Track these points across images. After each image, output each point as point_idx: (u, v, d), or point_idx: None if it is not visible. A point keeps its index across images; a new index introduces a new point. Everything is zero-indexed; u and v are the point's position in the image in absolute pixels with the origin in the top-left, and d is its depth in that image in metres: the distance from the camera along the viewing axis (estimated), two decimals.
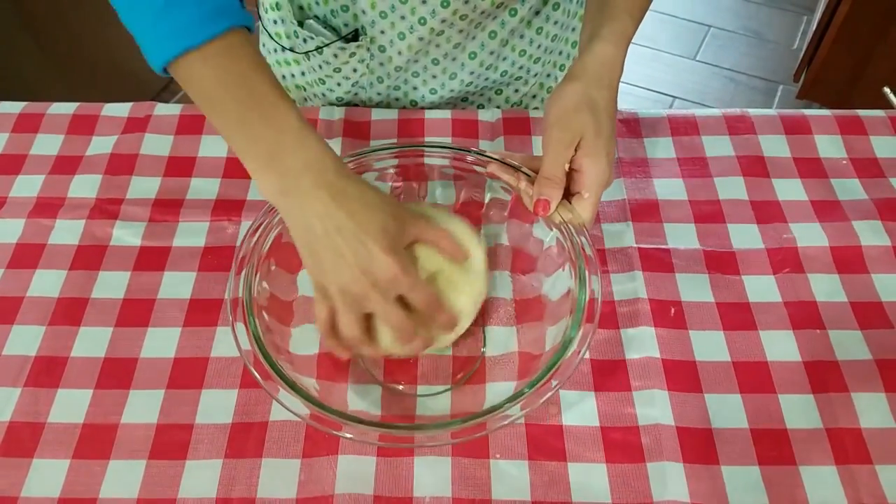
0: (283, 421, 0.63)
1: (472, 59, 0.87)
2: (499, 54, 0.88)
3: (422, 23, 0.78)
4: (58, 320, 0.69)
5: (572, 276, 0.62)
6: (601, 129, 0.61)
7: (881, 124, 0.86)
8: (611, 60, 0.64)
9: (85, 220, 0.76)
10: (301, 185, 0.54)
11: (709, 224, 0.77)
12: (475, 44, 0.85)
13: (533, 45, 0.88)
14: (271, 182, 0.55)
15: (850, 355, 0.67)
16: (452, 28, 0.81)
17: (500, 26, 0.84)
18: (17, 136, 0.85)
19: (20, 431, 0.63)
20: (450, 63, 0.87)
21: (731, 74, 2.46)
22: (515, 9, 0.82)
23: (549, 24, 0.87)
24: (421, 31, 0.79)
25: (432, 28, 0.79)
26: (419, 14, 0.78)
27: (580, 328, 0.57)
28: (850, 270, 0.73)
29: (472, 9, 0.78)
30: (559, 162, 0.61)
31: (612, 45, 0.64)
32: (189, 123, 0.85)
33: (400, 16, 0.79)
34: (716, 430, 0.63)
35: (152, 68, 0.54)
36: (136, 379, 0.66)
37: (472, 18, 0.80)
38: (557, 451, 0.62)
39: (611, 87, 0.64)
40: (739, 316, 0.70)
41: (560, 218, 0.63)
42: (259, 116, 0.54)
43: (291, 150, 0.54)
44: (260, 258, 0.64)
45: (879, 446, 0.62)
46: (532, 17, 0.86)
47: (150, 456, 0.61)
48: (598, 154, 0.61)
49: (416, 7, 0.77)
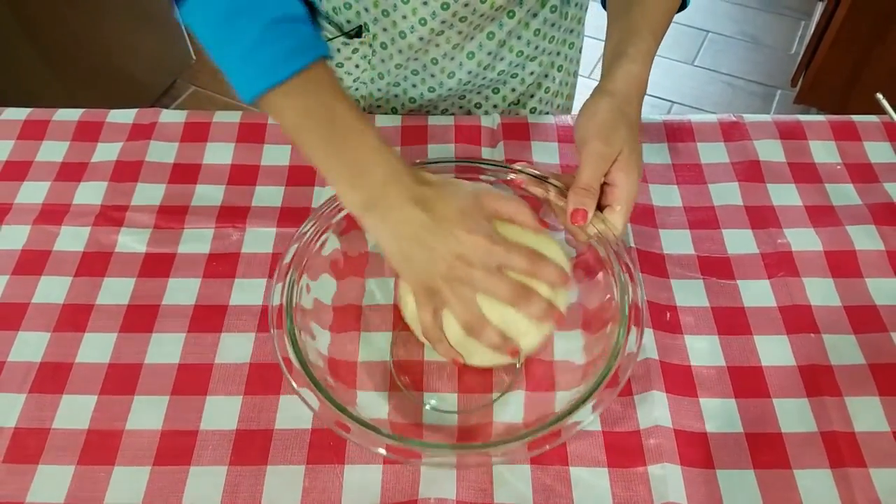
0: (288, 429, 0.63)
1: (470, 59, 0.88)
2: (496, 54, 0.89)
3: (422, 23, 0.80)
4: (63, 327, 0.70)
5: (614, 285, 0.63)
6: (635, 146, 0.63)
7: (875, 130, 0.87)
8: (637, 79, 0.66)
9: (90, 226, 0.77)
10: (384, 197, 0.58)
11: (703, 230, 0.78)
12: (473, 44, 0.87)
13: (530, 45, 0.90)
14: (357, 198, 0.59)
15: (845, 359, 0.68)
16: (452, 29, 0.82)
17: (497, 28, 0.85)
18: (23, 143, 0.86)
19: (25, 438, 0.63)
20: (448, 62, 0.88)
21: (729, 79, 2.47)
22: (513, 11, 0.84)
23: (546, 25, 0.89)
24: (421, 31, 0.81)
25: (432, 28, 0.81)
26: (420, 14, 0.79)
27: (628, 333, 0.59)
28: (844, 275, 0.74)
29: (472, 11, 0.80)
30: (597, 175, 0.63)
31: (639, 64, 0.66)
32: (194, 130, 0.87)
33: (402, 15, 0.80)
34: (711, 434, 0.63)
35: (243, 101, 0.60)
36: (141, 385, 0.66)
37: (470, 21, 0.81)
38: (560, 455, 0.62)
39: (639, 104, 0.66)
40: (734, 320, 0.71)
41: (595, 229, 0.64)
42: (341, 139, 0.59)
43: (372, 167, 0.59)
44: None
45: (874, 450, 0.62)
46: (530, 19, 0.87)
47: (155, 462, 0.62)
48: (632, 170, 0.63)
49: (417, 7, 0.79)
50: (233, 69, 0.60)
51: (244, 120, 0.88)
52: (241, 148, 0.85)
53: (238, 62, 0.59)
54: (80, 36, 1.94)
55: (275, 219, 0.78)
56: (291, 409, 0.65)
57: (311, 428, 0.63)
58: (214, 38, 0.60)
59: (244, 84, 0.59)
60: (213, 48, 0.60)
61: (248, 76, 0.59)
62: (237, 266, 0.74)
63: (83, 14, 1.92)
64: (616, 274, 0.63)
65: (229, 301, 0.72)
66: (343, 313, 0.70)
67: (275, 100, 0.59)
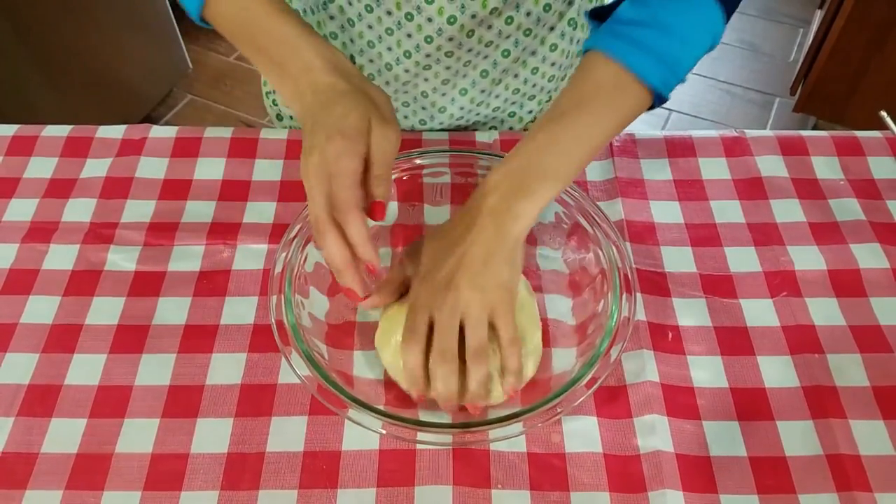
0: (280, 452, 0.62)
1: (462, 96, 0.87)
2: (490, 92, 0.87)
3: (407, 56, 0.79)
4: (51, 347, 0.69)
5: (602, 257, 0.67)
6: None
7: (878, 145, 0.86)
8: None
9: (79, 244, 0.76)
10: (299, 88, 0.61)
11: (705, 248, 0.76)
12: (466, 81, 0.85)
13: (527, 84, 0.88)
14: (285, 91, 0.63)
15: (849, 380, 0.67)
16: (439, 64, 0.81)
17: (492, 66, 0.84)
18: (11, 160, 0.84)
19: (13, 462, 0.62)
20: (439, 97, 0.87)
21: (728, 87, 2.47)
22: (508, 50, 0.82)
23: (545, 64, 0.87)
24: (406, 63, 0.80)
25: (417, 62, 0.80)
26: (404, 47, 0.79)
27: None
28: (848, 294, 0.73)
29: (458, 46, 0.78)
30: None
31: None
32: (184, 146, 0.85)
33: (387, 47, 0.79)
34: (714, 458, 0.62)
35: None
36: (131, 408, 0.65)
37: (458, 56, 0.80)
38: (560, 480, 0.61)
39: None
40: (737, 341, 0.69)
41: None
42: (266, 38, 0.63)
43: (290, 60, 0.61)
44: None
45: (879, 473, 0.61)
46: (527, 58, 0.85)
47: (146, 487, 0.60)
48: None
49: (401, 40, 0.78)
50: None
51: (235, 135, 0.86)
52: (231, 163, 0.84)
53: None
54: (76, 45, 1.93)
55: (266, 235, 0.77)
56: (283, 431, 0.63)
57: (304, 451, 0.62)
58: None
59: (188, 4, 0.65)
60: None
61: None
62: (228, 283, 0.73)
63: (79, 23, 1.91)
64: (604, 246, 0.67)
65: (220, 320, 0.70)
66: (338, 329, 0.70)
67: (208, 14, 0.64)
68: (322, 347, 0.65)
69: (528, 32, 0.81)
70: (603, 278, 0.67)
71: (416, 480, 0.61)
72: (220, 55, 2.56)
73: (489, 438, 0.62)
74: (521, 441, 0.63)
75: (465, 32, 0.77)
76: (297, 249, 0.67)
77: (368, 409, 0.58)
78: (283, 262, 0.66)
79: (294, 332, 0.62)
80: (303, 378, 0.60)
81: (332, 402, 0.59)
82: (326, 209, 0.57)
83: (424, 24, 0.76)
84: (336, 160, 0.57)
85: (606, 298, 0.65)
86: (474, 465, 0.62)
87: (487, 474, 0.61)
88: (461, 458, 0.62)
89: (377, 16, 0.78)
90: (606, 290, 0.66)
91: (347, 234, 0.58)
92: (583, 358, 0.63)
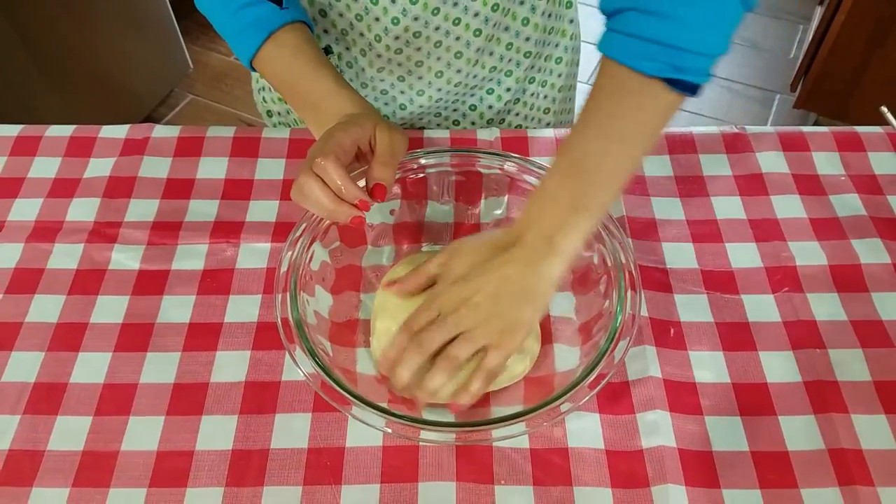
0: (284, 449, 0.63)
1: (438, 78, 0.87)
2: (469, 73, 0.87)
3: (395, 22, 0.78)
4: (56, 346, 0.69)
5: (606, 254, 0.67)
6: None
7: (879, 140, 0.86)
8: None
9: (83, 243, 0.76)
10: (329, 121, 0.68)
11: (707, 244, 0.77)
12: (441, 64, 0.85)
13: (503, 60, 0.88)
14: (314, 129, 0.72)
15: (851, 375, 0.67)
16: (409, 46, 0.82)
17: (465, 46, 0.83)
18: (15, 160, 0.85)
19: (19, 460, 0.62)
20: (416, 80, 0.88)
21: (728, 84, 2.47)
22: (479, 29, 0.81)
23: (518, 39, 0.86)
24: (395, 30, 0.79)
25: (406, 27, 0.79)
26: (391, 14, 0.78)
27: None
28: (849, 289, 0.73)
29: (424, 26, 0.79)
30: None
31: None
32: (187, 145, 0.85)
33: (374, 17, 0.79)
34: (716, 453, 0.62)
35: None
36: (136, 405, 0.65)
37: (427, 35, 0.80)
38: (562, 476, 0.61)
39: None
40: (739, 336, 0.70)
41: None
42: (305, 91, 0.72)
43: (325, 106, 0.70)
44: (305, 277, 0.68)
45: (881, 467, 0.61)
46: (501, 34, 0.85)
47: (151, 484, 0.61)
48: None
49: (386, 7, 0.77)
50: (230, 42, 0.75)
51: (238, 134, 0.87)
52: (234, 162, 0.84)
53: (233, 32, 0.74)
54: (76, 46, 1.93)
55: (270, 233, 0.77)
56: (287, 427, 0.64)
57: (308, 447, 0.63)
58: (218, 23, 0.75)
59: (240, 54, 0.74)
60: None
61: (237, 50, 0.74)
62: (232, 282, 0.74)
63: (80, 24, 1.91)
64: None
65: (224, 318, 0.71)
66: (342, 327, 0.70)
67: (258, 63, 0.74)
68: (326, 345, 0.65)
69: (496, 7, 0.80)
70: (607, 276, 0.67)
71: (419, 476, 0.61)
72: (220, 55, 2.56)
73: (493, 438, 0.62)
74: (523, 438, 0.63)
75: (431, 10, 0.77)
76: (302, 248, 0.67)
77: (372, 406, 0.58)
78: (288, 261, 0.66)
79: (299, 329, 0.62)
80: (307, 375, 0.60)
81: (335, 400, 0.59)
82: (308, 165, 0.62)
83: (389, 6, 0.76)
84: (329, 136, 0.64)
85: (611, 296, 0.65)
86: (477, 461, 0.62)
87: (490, 470, 0.62)
88: (464, 455, 0.62)
89: (345, 3, 0.79)
90: (611, 287, 0.66)
91: (327, 180, 0.62)
92: (587, 357, 0.63)
